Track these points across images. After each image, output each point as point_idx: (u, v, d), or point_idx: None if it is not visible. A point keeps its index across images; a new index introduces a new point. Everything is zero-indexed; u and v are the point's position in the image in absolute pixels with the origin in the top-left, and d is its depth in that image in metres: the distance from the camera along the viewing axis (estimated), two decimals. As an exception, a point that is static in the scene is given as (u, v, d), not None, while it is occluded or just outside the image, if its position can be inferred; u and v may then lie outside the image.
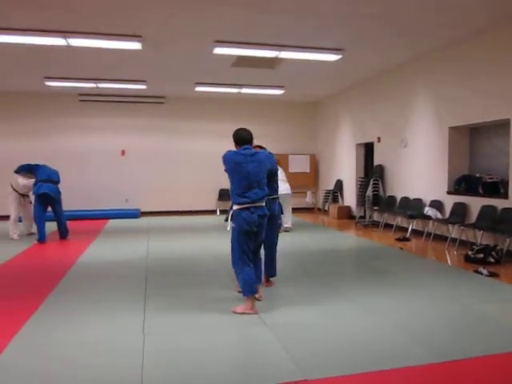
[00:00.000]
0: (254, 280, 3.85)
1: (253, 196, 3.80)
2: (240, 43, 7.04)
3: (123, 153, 12.02)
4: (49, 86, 10.02)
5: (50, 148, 11.30)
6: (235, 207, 3.85)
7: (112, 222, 10.48)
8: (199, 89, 10.68)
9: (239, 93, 11.22)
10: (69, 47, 6.90)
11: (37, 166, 7.91)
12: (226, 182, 12.91)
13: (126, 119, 11.95)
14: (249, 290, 3.80)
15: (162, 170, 12.20)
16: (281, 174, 7.66)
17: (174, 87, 10.90)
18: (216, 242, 7.51)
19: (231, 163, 3.90)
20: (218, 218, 11.48)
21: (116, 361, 2.86)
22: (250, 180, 3.82)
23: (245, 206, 3.78)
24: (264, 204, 3.92)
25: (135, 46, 6.90)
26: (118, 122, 11.93)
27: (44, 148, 11.17)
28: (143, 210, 11.88)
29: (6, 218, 8.26)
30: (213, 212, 12.31)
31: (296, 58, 7.74)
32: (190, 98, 12.07)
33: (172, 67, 8.81)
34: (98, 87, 10.32)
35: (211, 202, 12.40)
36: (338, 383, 2.56)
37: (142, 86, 10.31)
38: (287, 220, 8.52)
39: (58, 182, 7.88)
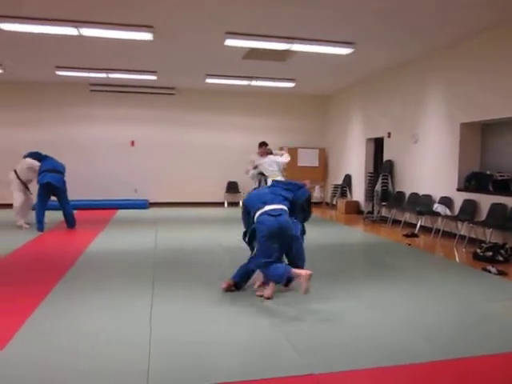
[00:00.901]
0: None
1: (270, 202, 4.03)
2: (251, 35, 7.00)
3: (133, 143, 12.07)
4: (60, 75, 10.05)
5: (61, 137, 11.38)
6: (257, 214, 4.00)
7: (121, 212, 10.54)
8: (210, 80, 10.65)
9: (249, 85, 11.18)
10: (80, 37, 6.91)
11: (45, 156, 8.01)
12: (234, 175, 12.81)
13: (137, 110, 11.98)
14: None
15: (172, 161, 12.24)
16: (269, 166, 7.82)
17: (184, 79, 10.89)
18: (225, 234, 7.53)
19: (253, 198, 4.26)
20: (226, 211, 11.51)
21: (123, 351, 2.89)
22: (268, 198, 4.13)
23: (264, 209, 3.96)
24: (284, 209, 4.04)
25: (147, 36, 6.89)
26: (128, 113, 11.96)
27: (54, 137, 11.26)
28: (152, 200, 11.93)
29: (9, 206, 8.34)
30: (221, 204, 12.34)
31: (308, 50, 7.68)
32: (200, 90, 12.06)
33: (183, 58, 8.80)
34: (108, 77, 10.35)
35: (219, 195, 12.43)
36: (343, 378, 2.57)
37: (153, 77, 10.31)
38: None
39: (63, 172, 7.92)
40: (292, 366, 2.68)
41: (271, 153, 8.27)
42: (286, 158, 8.14)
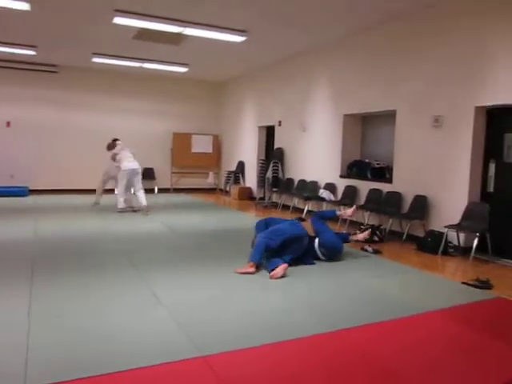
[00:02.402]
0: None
1: None
2: (142, 15, 6.73)
3: (9, 124, 10.95)
4: None
5: None
6: None
7: (-5, 200, 9.56)
8: (97, 60, 10.05)
9: (141, 67, 10.78)
10: None
11: None
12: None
13: (13, 88, 10.88)
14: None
15: (55, 144, 11.36)
16: (128, 151, 8.38)
17: (68, 56, 10.13)
18: (113, 222, 7.23)
19: None
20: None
21: (-4, 348, 2.65)
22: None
23: None
24: None
25: (22, 5, 6.26)
26: (2, 91, 10.80)
27: None
28: (32, 187, 10.98)
29: None
30: (112, 191, 11.78)
31: (201, 35, 7.60)
32: (86, 69, 11.33)
33: (66, 34, 8.15)
34: (-22, 49, 9.24)
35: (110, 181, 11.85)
36: (232, 357, 2.63)
37: (32, 52, 9.43)
38: (142, 199, 8.27)
39: None
40: (182, 350, 2.68)
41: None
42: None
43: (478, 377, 2.52)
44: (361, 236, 5.34)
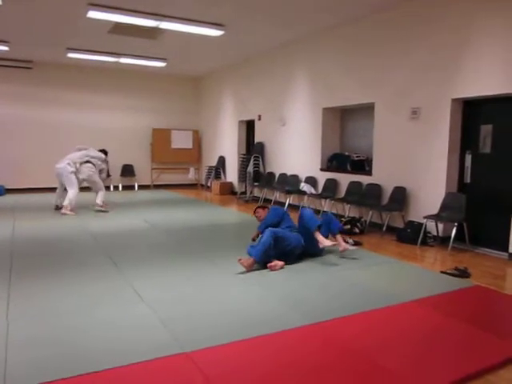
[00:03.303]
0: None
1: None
2: (117, 8, 6.62)
3: (-18, 122, 10.69)
4: None
5: None
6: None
7: (-31, 200, 9.32)
8: (72, 55, 9.85)
9: (118, 62, 10.61)
10: None
11: None
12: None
13: (-15, 84, 10.61)
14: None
15: (31, 142, 11.12)
16: (73, 154, 8.07)
17: (43, 51, 9.90)
18: (93, 220, 7.14)
19: None
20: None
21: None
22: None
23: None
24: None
25: (-7, 0, 6.10)
26: (-26, 87, 10.53)
27: None
28: (8, 186, 10.75)
29: None
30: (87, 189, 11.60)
31: (177, 30, 7.52)
32: (62, 65, 11.10)
33: (39, 28, 7.96)
34: None
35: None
36: (216, 353, 2.63)
37: (4, 48, 9.19)
38: (66, 198, 7.84)
39: None
40: (166, 347, 2.66)
41: None
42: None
43: (461, 365, 2.57)
44: (327, 243, 4.68)
